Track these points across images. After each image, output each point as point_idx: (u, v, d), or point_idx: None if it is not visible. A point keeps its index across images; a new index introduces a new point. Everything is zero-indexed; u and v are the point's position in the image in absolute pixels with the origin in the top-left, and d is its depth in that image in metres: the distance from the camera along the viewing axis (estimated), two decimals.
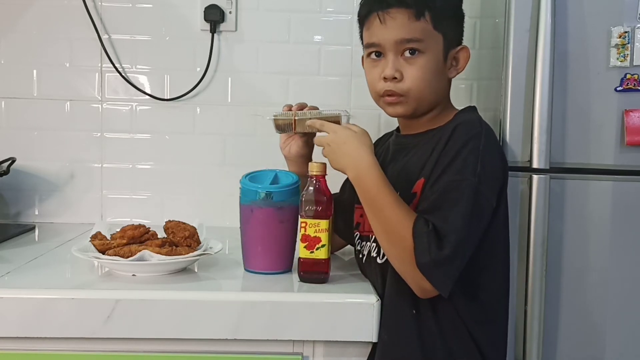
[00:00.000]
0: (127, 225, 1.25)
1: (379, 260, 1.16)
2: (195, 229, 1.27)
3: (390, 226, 1.06)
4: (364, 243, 1.23)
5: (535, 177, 1.27)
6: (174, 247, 1.21)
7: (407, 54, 1.15)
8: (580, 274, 1.31)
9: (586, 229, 1.31)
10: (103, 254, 1.19)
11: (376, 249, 1.17)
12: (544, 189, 1.27)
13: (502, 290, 1.16)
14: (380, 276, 1.15)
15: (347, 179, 1.27)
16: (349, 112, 1.23)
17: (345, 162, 1.11)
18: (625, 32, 1.27)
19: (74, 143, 1.75)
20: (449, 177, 1.05)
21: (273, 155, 1.72)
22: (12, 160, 1.63)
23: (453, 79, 1.23)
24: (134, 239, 1.22)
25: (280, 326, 1.09)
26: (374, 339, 1.10)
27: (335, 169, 1.14)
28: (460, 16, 1.22)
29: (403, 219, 1.05)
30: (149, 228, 1.26)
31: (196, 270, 1.26)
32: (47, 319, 1.07)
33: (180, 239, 1.23)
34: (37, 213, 1.75)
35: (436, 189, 1.06)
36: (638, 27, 1.27)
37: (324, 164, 1.17)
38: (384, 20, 1.15)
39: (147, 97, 1.74)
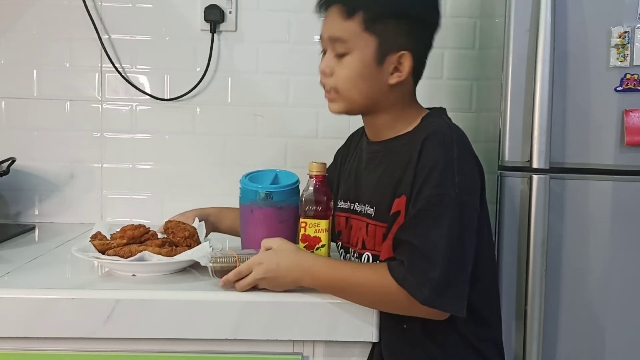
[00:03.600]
0: (127, 225, 1.25)
1: None
2: (195, 229, 1.27)
3: (370, 293, 1.05)
4: (347, 255, 1.22)
5: (535, 177, 1.27)
6: (174, 247, 1.21)
7: (338, 51, 1.12)
8: (580, 274, 1.31)
9: (586, 229, 1.31)
10: (103, 254, 1.19)
11: (361, 261, 1.16)
12: (544, 189, 1.27)
13: (490, 291, 1.14)
14: None
15: None
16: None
17: (294, 285, 1.09)
18: (625, 32, 1.27)
19: (74, 143, 1.75)
20: (429, 191, 1.02)
21: (273, 155, 1.73)
22: (12, 160, 1.63)
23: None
24: (134, 239, 1.22)
25: (280, 326, 1.09)
26: (374, 339, 1.10)
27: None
28: (410, 20, 1.12)
29: (376, 278, 1.03)
30: (149, 228, 1.26)
31: (196, 270, 1.26)
32: (47, 319, 1.07)
33: (180, 239, 1.23)
34: (37, 213, 1.75)
35: (417, 206, 1.03)
36: (638, 27, 1.27)
37: (324, 164, 1.17)
38: (325, 16, 1.14)
39: (147, 97, 1.74)
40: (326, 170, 1.17)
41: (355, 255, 1.17)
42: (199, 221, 1.32)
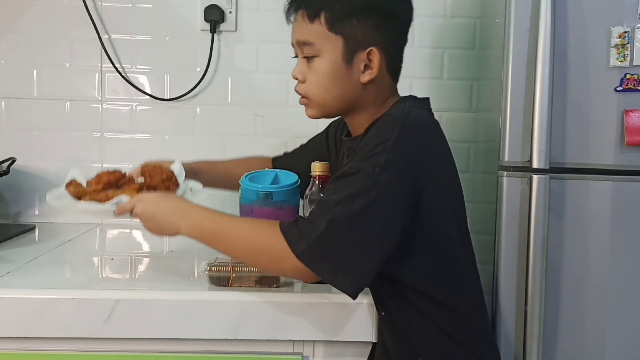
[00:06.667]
0: (102, 172, 1.21)
1: None
2: (173, 172, 1.23)
3: (247, 241, 1.03)
4: None
5: (535, 177, 1.27)
6: (152, 190, 1.18)
7: (306, 55, 1.13)
8: (580, 274, 1.31)
9: (586, 229, 1.31)
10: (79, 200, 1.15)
11: None
12: (544, 189, 1.27)
13: (468, 287, 1.11)
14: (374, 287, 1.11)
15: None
16: None
17: (172, 230, 1.07)
18: (625, 32, 1.27)
19: (74, 143, 1.75)
20: (350, 164, 1.01)
21: (273, 155, 1.72)
22: (12, 160, 1.63)
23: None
24: (110, 184, 1.19)
25: (280, 326, 1.09)
26: (374, 339, 1.10)
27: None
28: (375, 15, 1.10)
29: (258, 228, 1.03)
30: (125, 173, 1.24)
31: (196, 268, 1.26)
32: (47, 319, 1.07)
33: (158, 182, 1.20)
34: (37, 213, 1.75)
35: (335, 175, 1.03)
36: (638, 27, 1.27)
37: (327, 164, 1.17)
38: (291, 21, 1.15)
39: (147, 97, 1.74)
40: (314, 140, 1.17)
41: None
42: (181, 169, 1.28)
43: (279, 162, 1.46)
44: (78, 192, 1.16)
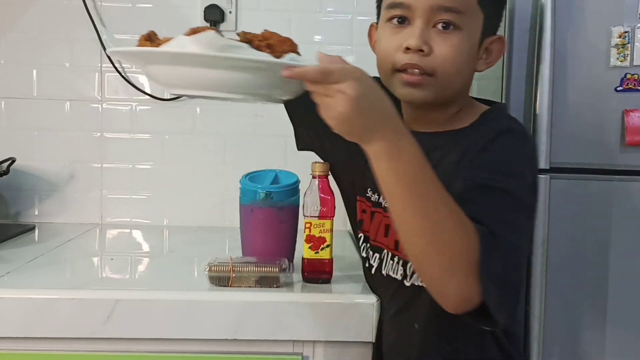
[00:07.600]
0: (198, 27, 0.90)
1: (406, 283, 1.01)
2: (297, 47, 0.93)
3: (442, 224, 0.78)
4: (373, 254, 1.09)
5: None
6: None
7: (439, 26, 0.93)
8: (580, 274, 1.31)
9: (586, 229, 1.31)
10: None
11: (398, 270, 1.02)
12: (544, 189, 1.27)
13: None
14: (403, 296, 1.03)
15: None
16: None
17: (365, 135, 0.78)
18: (625, 32, 1.27)
19: (74, 143, 1.75)
20: (503, 182, 0.84)
21: (273, 155, 1.72)
22: (12, 160, 1.63)
23: None
24: None
25: (280, 326, 1.09)
26: (374, 339, 1.10)
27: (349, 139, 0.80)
28: (503, 4, 1.03)
29: (459, 215, 0.78)
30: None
31: (196, 265, 1.26)
32: (47, 319, 1.07)
33: (280, 55, 0.92)
34: (37, 213, 1.75)
35: (496, 184, 0.85)
36: (638, 27, 1.27)
37: (327, 164, 1.16)
38: None
39: (147, 97, 1.74)
40: None
41: (392, 257, 1.04)
42: None
43: None
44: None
